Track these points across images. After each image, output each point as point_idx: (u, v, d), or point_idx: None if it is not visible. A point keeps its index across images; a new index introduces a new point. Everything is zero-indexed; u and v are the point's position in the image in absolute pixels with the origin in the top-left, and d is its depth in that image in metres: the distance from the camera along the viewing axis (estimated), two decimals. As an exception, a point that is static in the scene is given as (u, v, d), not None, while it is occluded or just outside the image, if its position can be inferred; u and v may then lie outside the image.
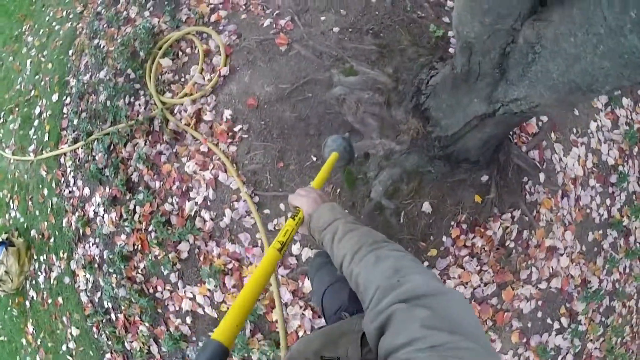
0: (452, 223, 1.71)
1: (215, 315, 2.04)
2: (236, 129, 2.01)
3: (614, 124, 2.27)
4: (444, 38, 1.84)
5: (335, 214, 0.72)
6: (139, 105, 2.35)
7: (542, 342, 1.99)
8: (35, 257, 2.73)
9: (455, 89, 1.25)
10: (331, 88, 1.74)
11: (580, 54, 0.83)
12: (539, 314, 1.98)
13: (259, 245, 1.93)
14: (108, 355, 2.42)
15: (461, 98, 1.26)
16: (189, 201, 2.06)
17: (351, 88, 1.67)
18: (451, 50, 1.79)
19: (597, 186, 2.07)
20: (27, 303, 2.77)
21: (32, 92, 2.94)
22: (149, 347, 2.22)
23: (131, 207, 2.23)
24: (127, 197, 2.25)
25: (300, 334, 1.94)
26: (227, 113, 2.05)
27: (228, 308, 2.02)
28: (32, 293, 2.73)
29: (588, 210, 2.03)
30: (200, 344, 2.10)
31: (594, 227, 2.04)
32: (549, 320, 2.00)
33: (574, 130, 2.16)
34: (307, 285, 1.91)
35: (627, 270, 2.08)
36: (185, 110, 2.17)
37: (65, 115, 2.69)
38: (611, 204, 2.09)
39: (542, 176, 1.92)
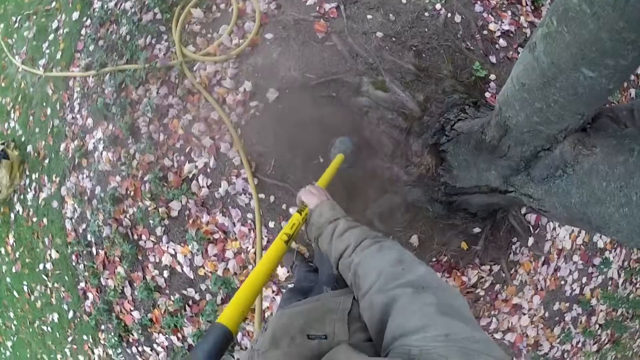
0: (434, 259, 1.74)
1: (192, 277, 2.11)
2: (252, 104, 1.97)
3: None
4: (484, 79, 1.76)
5: (336, 213, 0.74)
6: (159, 49, 2.26)
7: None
8: (27, 173, 2.73)
9: (477, 151, 1.23)
10: (358, 96, 1.68)
11: (604, 201, 0.82)
12: (485, 359, 2.09)
13: (248, 224, 1.96)
14: (82, 285, 2.51)
15: (479, 162, 1.24)
16: (189, 162, 2.05)
17: (377, 103, 1.62)
18: (487, 94, 1.73)
19: (579, 263, 2.11)
20: (12, 215, 2.81)
21: (53, 4, 2.79)
22: (123, 287, 2.31)
23: (131, 152, 2.21)
24: (129, 141, 2.23)
25: (267, 314, 2.03)
26: (247, 85, 1.99)
27: (206, 273, 2.09)
28: (18, 207, 2.76)
29: (562, 282, 2.08)
30: (172, 298, 2.18)
31: (562, 298, 2.10)
32: (493, 367, 2.12)
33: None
34: (282, 271, 1.97)
35: (580, 345, 2.16)
36: (205, 69, 2.10)
37: (82, 38, 2.58)
38: (586, 282, 2.14)
39: (531, 240, 1.94)
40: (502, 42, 2.04)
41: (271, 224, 1.91)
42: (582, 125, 0.95)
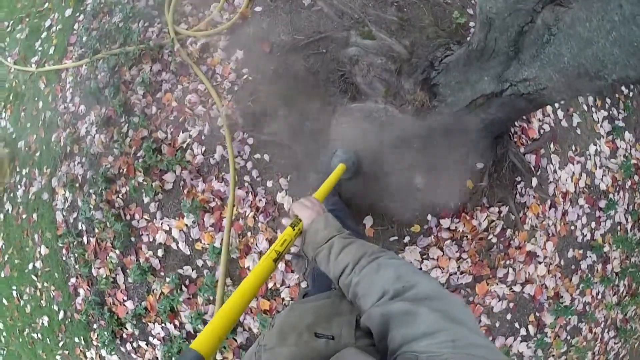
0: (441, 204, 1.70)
1: (188, 253, 2.02)
2: (244, 70, 1.99)
3: (612, 152, 2.28)
4: (464, 26, 1.85)
5: (331, 231, 0.72)
6: (152, 32, 2.30)
7: (506, 345, 1.98)
8: (18, 169, 2.67)
9: (468, 66, 1.29)
10: (347, 47, 1.74)
11: (593, 38, 0.88)
12: (508, 316, 1.97)
13: (245, 187, 1.91)
14: (73, 280, 2.38)
15: (471, 75, 1.29)
16: (183, 132, 2.03)
17: (366, 51, 1.67)
18: (469, 39, 1.80)
19: (586, 207, 2.07)
20: (1, 216, 2.72)
21: (46, 5, 2.87)
22: (115, 275, 2.19)
23: (124, 129, 2.19)
24: (122, 120, 2.21)
25: (270, 285, 1.93)
26: (239, 53, 2.02)
27: (203, 246, 2.00)
28: (8, 206, 2.68)
29: (572, 227, 2.03)
30: (167, 279, 2.07)
31: (575, 245, 2.04)
32: (516, 325, 1.99)
33: (573, 148, 2.16)
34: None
35: (600, 297, 2.09)
36: (196, 44, 2.13)
37: (75, 31, 2.64)
38: (596, 227, 2.09)
39: (534, 181, 1.91)
40: (478, -4, 2.12)
41: (269, 184, 1.86)
42: None
